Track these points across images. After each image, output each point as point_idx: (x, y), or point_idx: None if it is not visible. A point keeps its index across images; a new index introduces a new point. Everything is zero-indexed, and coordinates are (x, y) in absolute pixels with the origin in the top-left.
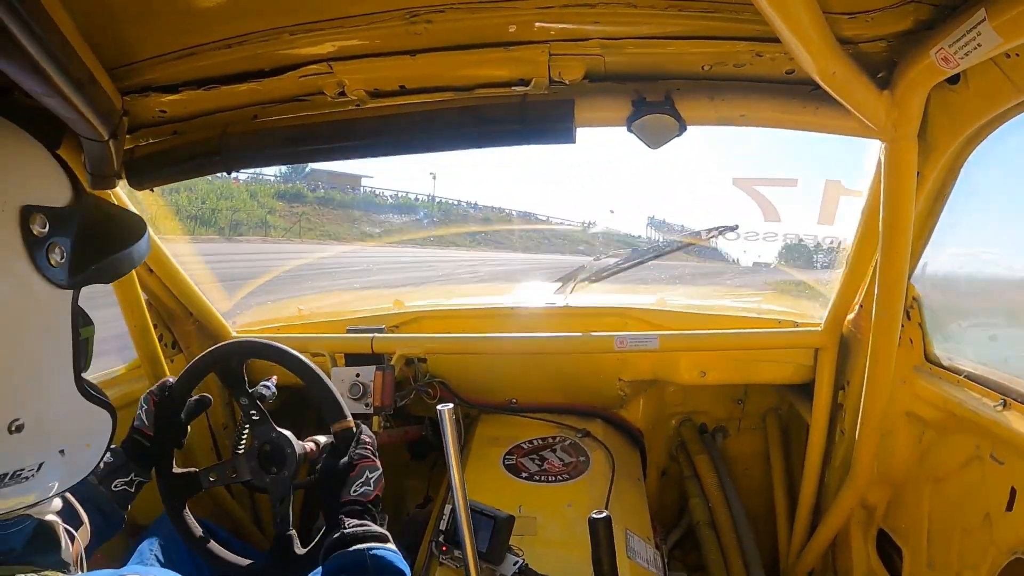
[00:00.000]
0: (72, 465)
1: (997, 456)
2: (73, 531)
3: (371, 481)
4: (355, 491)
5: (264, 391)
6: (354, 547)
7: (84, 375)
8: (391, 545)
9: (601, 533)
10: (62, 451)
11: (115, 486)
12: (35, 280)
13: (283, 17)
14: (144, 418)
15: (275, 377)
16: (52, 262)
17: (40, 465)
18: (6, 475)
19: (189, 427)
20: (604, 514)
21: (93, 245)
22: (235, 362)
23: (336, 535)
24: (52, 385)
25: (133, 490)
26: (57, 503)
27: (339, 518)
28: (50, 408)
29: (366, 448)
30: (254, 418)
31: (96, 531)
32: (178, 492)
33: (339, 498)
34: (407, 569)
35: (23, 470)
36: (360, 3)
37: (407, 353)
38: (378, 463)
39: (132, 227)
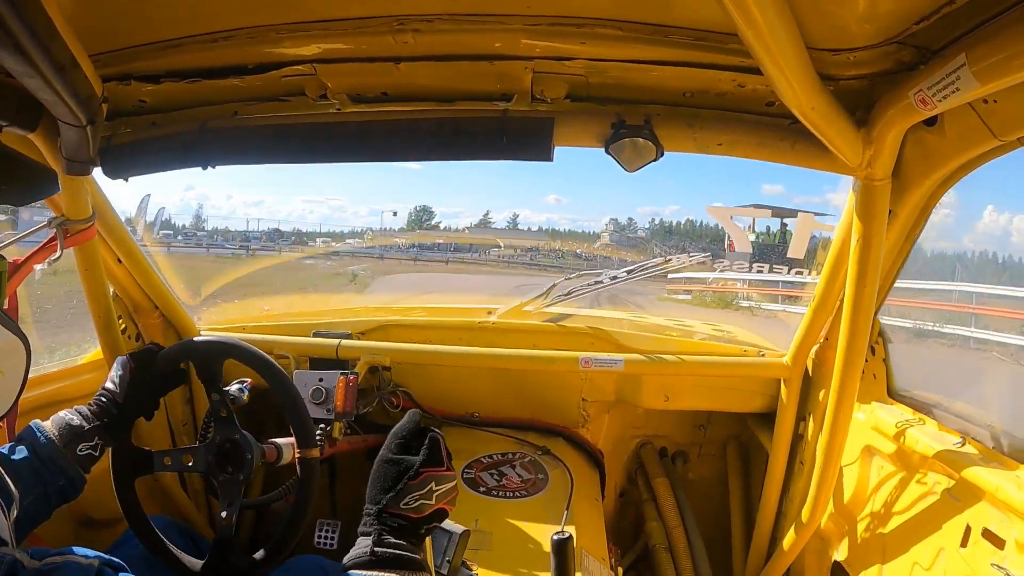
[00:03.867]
0: None
1: (954, 493)
2: (4, 508)
3: (434, 494)
4: (406, 504)
5: (237, 393)
6: (373, 573)
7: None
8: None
9: (563, 553)
10: None
11: (80, 450)
12: None
13: (270, 15)
14: (116, 383)
15: (250, 381)
16: None
17: None
18: None
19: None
20: (567, 535)
21: (8, 170)
22: (217, 358)
23: (364, 552)
24: None
25: (97, 454)
26: None
27: (376, 528)
28: None
29: (438, 450)
30: (222, 415)
31: (59, 492)
32: (129, 468)
33: (383, 504)
34: None
35: None
36: (349, 7)
37: (372, 361)
38: (452, 473)
39: (47, 174)
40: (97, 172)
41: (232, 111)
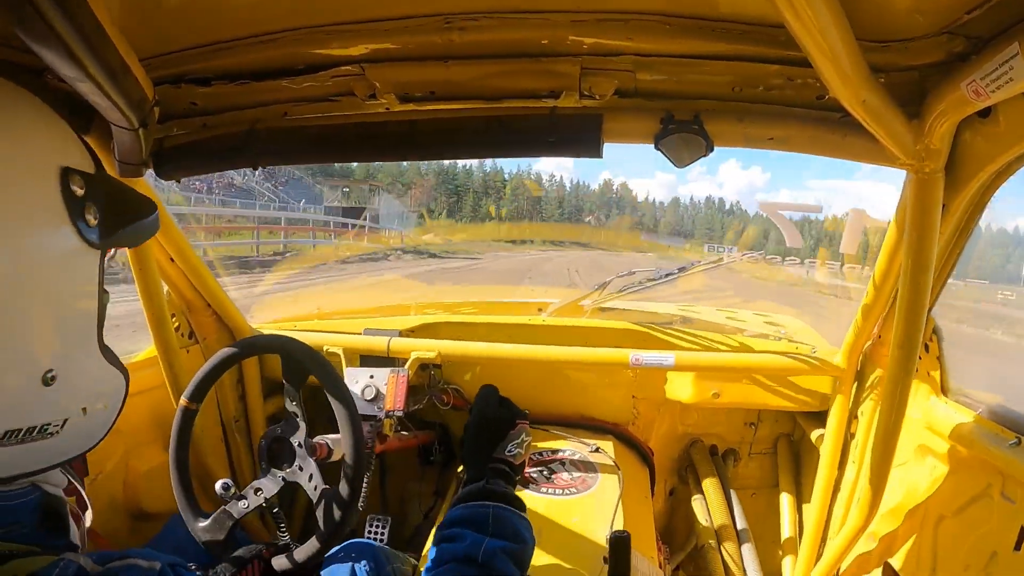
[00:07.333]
0: (90, 426)
1: (1008, 494)
2: (80, 513)
3: (524, 445)
4: (509, 451)
5: (224, 492)
6: (481, 502)
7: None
8: (523, 513)
9: (621, 550)
10: (84, 409)
11: None
12: (74, 238)
13: (319, 16)
14: None
15: (227, 480)
16: (88, 222)
17: (65, 422)
18: (34, 428)
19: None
20: (625, 532)
21: (119, 211)
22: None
23: (477, 486)
24: (81, 342)
25: None
26: (62, 480)
27: (486, 470)
28: (78, 364)
29: (525, 413)
30: (261, 493)
31: None
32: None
33: (490, 452)
34: (530, 538)
35: (50, 425)
36: (395, 6)
37: (422, 358)
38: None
39: (145, 202)
40: (149, 173)
41: (282, 112)
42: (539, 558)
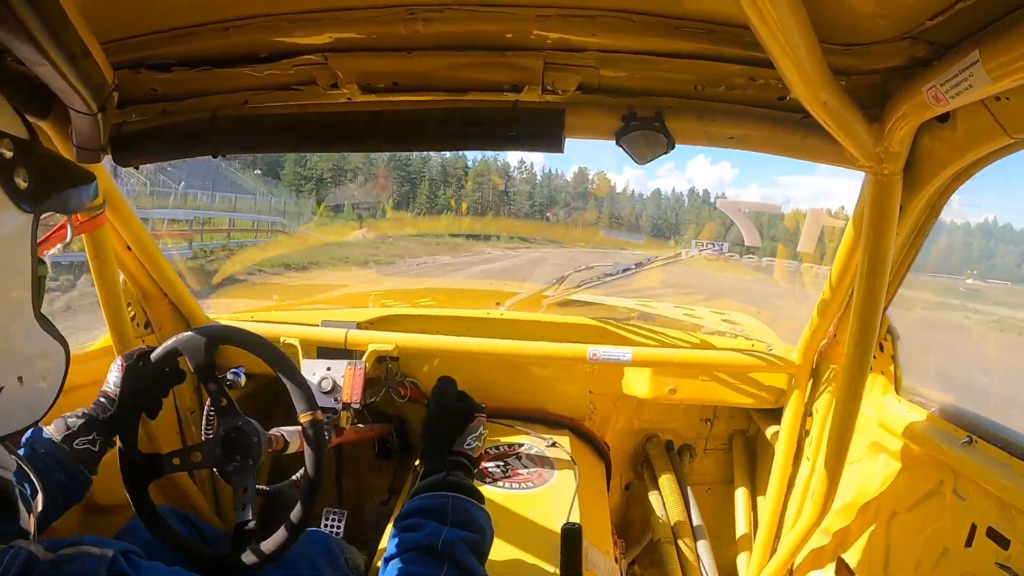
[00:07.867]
0: (30, 398)
1: (960, 492)
2: (29, 498)
3: (481, 437)
4: (468, 444)
5: (233, 378)
6: (441, 492)
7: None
8: (482, 504)
9: (573, 543)
10: (20, 378)
11: (77, 444)
12: (3, 200)
13: (281, 4)
14: (111, 383)
15: (244, 366)
16: (18, 185)
17: (0, 391)
18: None
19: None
20: (576, 525)
21: (52, 176)
22: (207, 347)
23: (436, 477)
24: (15, 307)
25: (96, 449)
26: (11, 462)
27: (445, 463)
28: (12, 330)
29: (482, 406)
30: (222, 405)
31: (62, 489)
32: (140, 474)
33: (449, 445)
34: (489, 529)
35: None
36: None
37: (380, 350)
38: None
39: (83, 172)
40: (107, 159)
41: (243, 100)
42: (495, 552)
